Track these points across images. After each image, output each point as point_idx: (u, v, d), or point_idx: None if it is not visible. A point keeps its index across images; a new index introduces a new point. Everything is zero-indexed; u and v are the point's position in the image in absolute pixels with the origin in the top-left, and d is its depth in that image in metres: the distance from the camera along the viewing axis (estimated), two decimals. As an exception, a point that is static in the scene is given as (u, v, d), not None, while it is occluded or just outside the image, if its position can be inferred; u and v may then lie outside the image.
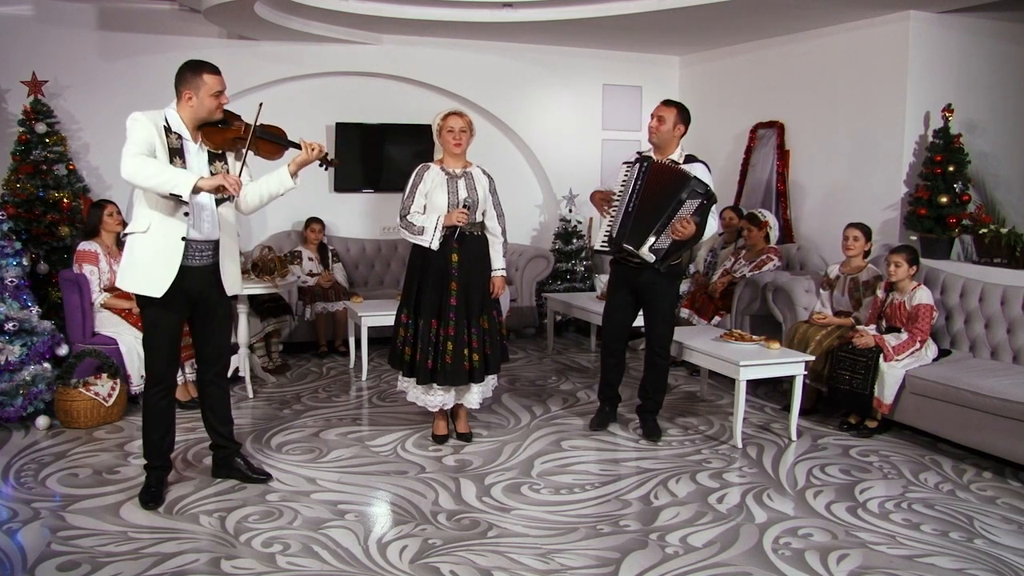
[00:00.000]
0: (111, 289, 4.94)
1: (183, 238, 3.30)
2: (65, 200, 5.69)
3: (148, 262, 3.30)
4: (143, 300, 3.38)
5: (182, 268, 3.31)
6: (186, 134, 3.34)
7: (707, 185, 4.13)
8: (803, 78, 6.41)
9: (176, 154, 3.27)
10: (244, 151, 3.41)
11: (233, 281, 3.55)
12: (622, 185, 4.30)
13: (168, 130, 3.28)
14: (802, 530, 3.34)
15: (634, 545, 3.18)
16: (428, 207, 4.10)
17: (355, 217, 7.30)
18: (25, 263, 4.76)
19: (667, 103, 4.32)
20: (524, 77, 7.41)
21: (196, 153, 3.36)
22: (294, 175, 3.45)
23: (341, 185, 7.13)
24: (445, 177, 4.11)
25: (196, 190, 3.14)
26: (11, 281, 4.53)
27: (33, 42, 5.96)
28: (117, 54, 6.21)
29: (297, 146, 3.43)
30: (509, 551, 3.12)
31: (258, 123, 3.35)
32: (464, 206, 4.05)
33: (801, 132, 6.47)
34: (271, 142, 3.43)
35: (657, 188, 4.19)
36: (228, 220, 3.49)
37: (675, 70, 7.88)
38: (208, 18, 5.91)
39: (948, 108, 5.34)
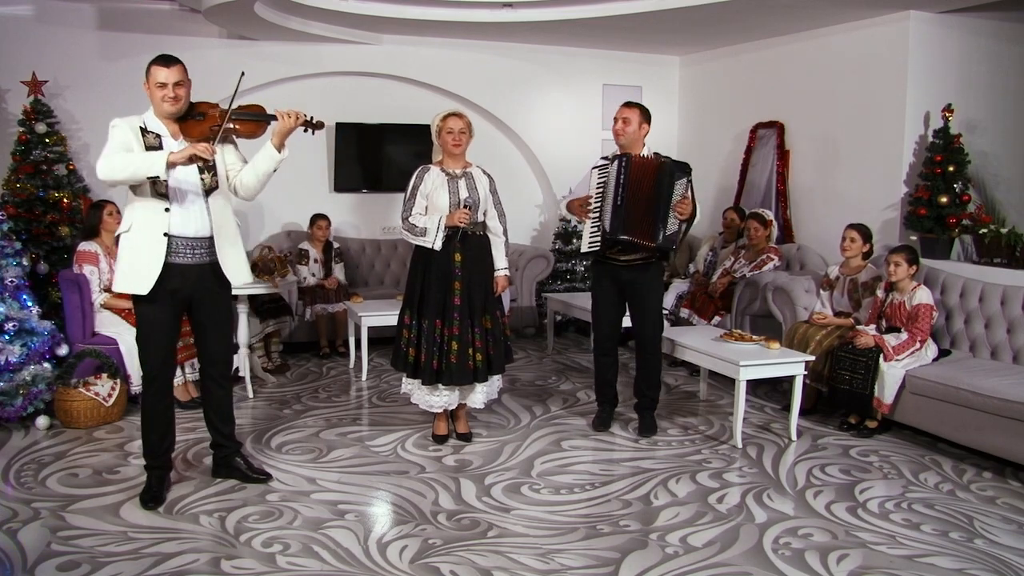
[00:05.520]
0: (111, 289, 4.94)
1: (165, 234, 3.30)
2: (65, 200, 5.69)
3: (133, 260, 3.30)
4: (135, 299, 3.38)
5: (171, 266, 3.31)
6: (164, 132, 3.35)
7: (684, 163, 4.28)
8: (803, 78, 6.41)
9: (155, 151, 3.27)
10: (218, 132, 3.36)
11: (238, 270, 3.47)
12: (599, 186, 4.30)
13: (144, 130, 3.30)
14: (802, 530, 3.34)
15: (634, 545, 3.18)
16: (429, 208, 4.11)
17: (355, 217, 7.30)
18: (25, 263, 4.76)
19: (628, 104, 4.38)
20: (524, 77, 7.41)
21: (178, 148, 3.31)
22: (280, 147, 3.42)
23: (341, 185, 7.13)
24: (446, 178, 4.12)
25: (171, 165, 3.15)
26: (11, 281, 4.53)
27: (33, 42, 5.96)
28: (117, 54, 6.21)
29: (275, 118, 3.41)
30: (509, 551, 3.12)
31: (232, 105, 3.33)
32: (465, 206, 4.05)
33: (801, 132, 6.47)
34: (248, 120, 3.43)
35: (642, 180, 4.23)
36: (223, 211, 3.44)
37: (675, 70, 7.87)
38: (208, 18, 5.91)
39: (948, 108, 5.34)
